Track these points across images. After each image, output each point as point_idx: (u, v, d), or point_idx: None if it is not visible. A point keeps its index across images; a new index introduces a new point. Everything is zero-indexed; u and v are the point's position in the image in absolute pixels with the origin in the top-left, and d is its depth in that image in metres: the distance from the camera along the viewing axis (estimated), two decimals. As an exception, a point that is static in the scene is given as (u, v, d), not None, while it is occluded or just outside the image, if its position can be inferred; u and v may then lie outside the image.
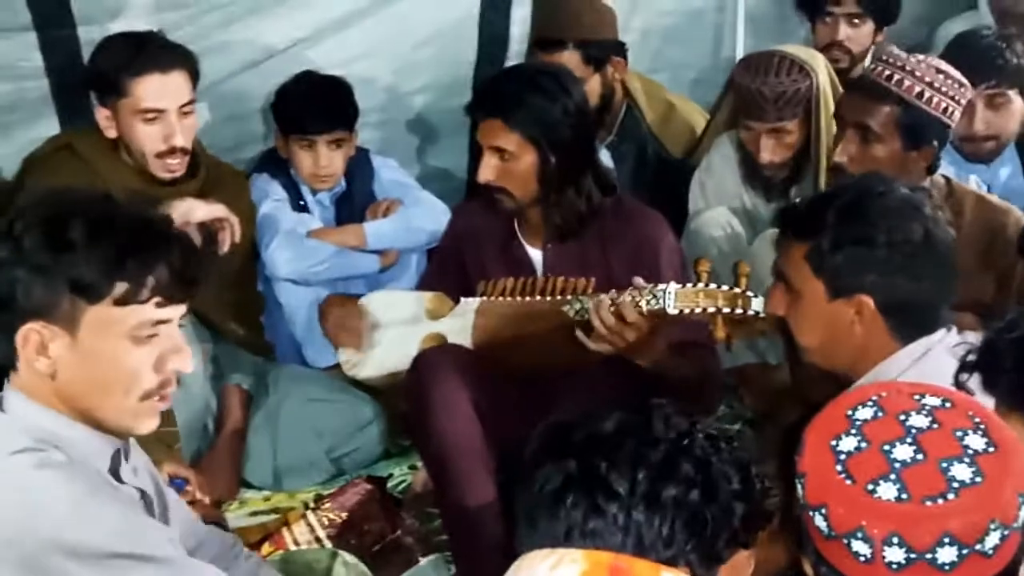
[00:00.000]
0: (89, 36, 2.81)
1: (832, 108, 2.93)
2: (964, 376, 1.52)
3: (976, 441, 1.26)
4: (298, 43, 3.13)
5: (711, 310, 2.24)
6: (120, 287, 1.57)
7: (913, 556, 1.21)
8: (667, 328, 2.37)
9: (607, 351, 2.35)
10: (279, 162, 3.06)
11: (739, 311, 2.22)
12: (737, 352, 2.93)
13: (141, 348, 1.60)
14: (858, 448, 1.27)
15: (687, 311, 2.27)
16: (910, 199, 1.94)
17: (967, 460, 1.24)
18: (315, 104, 2.95)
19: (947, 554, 1.21)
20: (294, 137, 2.99)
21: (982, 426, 1.28)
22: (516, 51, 3.43)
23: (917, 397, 1.31)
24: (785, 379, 2.78)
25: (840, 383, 1.91)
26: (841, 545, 1.24)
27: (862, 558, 1.23)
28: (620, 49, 3.28)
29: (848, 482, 1.25)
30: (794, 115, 2.97)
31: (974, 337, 1.99)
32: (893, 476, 1.24)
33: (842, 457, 1.27)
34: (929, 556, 1.21)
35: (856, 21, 3.44)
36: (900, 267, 1.89)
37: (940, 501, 1.22)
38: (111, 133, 2.70)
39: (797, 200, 2.11)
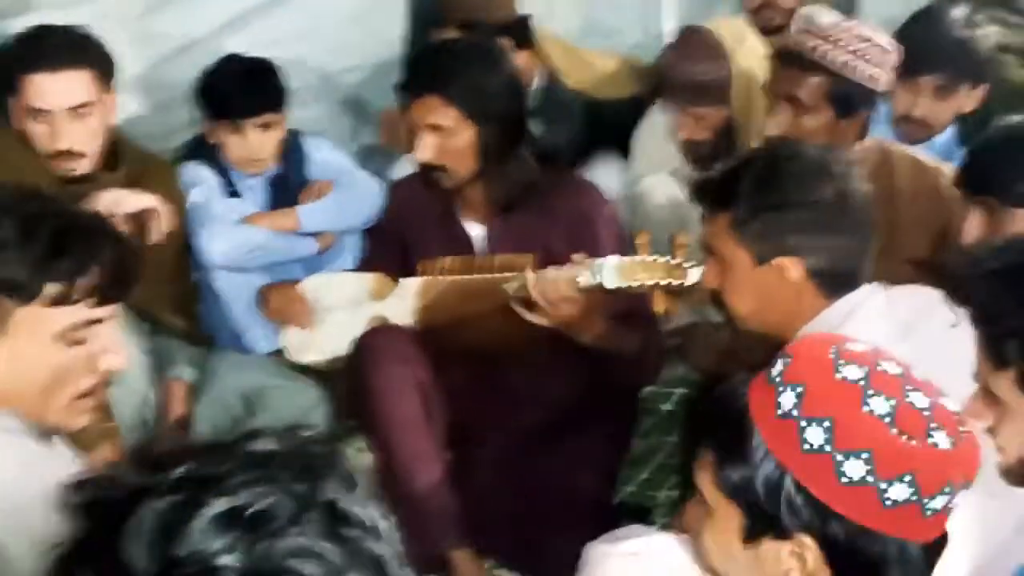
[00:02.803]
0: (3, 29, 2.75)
1: (757, 83, 2.93)
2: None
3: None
4: (223, 28, 3.07)
5: (649, 283, 2.25)
6: (51, 288, 1.53)
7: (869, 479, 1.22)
8: (606, 302, 2.38)
9: (543, 322, 2.35)
10: (208, 148, 2.99)
11: (676, 283, 2.23)
12: (681, 312, 2.94)
13: (73, 349, 1.57)
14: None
15: (625, 286, 2.27)
16: (819, 159, 1.97)
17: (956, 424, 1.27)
18: (241, 87, 2.88)
19: (898, 492, 1.23)
20: (222, 122, 2.92)
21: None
22: (446, 25, 3.41)
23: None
24: (729, 338, 2.79)
25: (774, 345, 1.94)
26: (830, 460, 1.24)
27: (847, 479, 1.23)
28: (516, 31, 3.25)
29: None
30: (709, 103, 2.96)
31: (911, 290, 2.03)
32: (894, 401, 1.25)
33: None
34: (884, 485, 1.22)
35: None
36: (819, 226, 1.92)
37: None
38: (17, 125, 2.62)
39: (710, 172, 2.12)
